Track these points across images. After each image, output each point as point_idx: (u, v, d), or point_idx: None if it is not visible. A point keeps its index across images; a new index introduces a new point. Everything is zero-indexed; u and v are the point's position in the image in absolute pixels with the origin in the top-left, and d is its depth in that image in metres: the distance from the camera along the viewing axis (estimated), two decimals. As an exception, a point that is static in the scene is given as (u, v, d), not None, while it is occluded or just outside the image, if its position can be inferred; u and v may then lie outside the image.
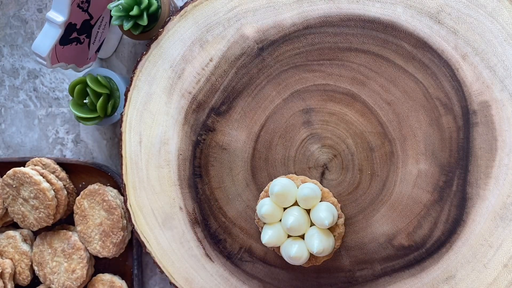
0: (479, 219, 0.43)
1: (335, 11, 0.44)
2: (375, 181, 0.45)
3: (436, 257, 0.44)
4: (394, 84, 0.44)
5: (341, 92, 0.45)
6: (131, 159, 0.50)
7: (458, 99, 0.43)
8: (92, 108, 0.53)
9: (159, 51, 0.48)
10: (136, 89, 0.49)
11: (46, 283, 0.58)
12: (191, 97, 0.48)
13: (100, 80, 0.53)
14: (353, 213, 0.46)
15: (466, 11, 0.42)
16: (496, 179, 0.42)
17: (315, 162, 0.47)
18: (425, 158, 0.44)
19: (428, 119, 0.44)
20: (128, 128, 0.50)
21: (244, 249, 0.49)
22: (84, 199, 0.56)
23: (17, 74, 0.62)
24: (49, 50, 0.46)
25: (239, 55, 0.47)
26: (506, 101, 0.42)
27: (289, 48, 0.45)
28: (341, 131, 0.46)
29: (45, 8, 0.61)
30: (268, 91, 0.46)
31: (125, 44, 0.58)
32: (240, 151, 0.48)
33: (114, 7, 0.47)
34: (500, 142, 0.42)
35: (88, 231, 0.56)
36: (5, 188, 0.57)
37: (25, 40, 0.62)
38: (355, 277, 0.46)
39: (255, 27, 0.46)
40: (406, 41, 0.43)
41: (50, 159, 0.58)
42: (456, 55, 0.42)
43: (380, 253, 0.46)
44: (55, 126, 0.61)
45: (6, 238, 0.60)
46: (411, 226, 0.45)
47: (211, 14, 0.47)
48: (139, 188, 0.50)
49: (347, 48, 0.44)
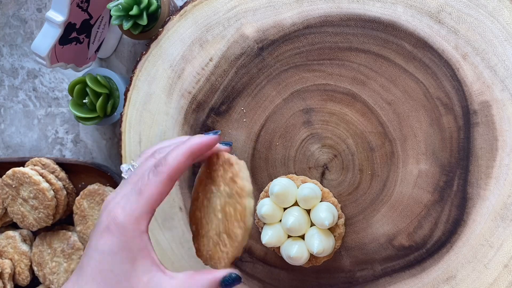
0: (480, 219, 0.43)
1: (335, 10, 0.44)
2: (376, 181, 0.45)
3: (436, 258, 0.44)
4: (394, 84, 0.44)
5: (341, 92, 0.45)
6: (131, 159, 0.50)
7: (459, 99, 0.43)
8: (91, 108, 0.53)
9: (159, 51, 0.48)
10: (135, 89, 0.49)
11: (46, 283, 0.58)
12: (191, 97, 0.48)
13: (99, 80, 0.53)
14: (353, 213, 0.46)
15: (466, 11, 0.42)
16: (497, 179, 0.42)
17: (315, 162, 0.46)
18: (426, 158, 0.44)
19: (428, 119, 0.43)
20: (128, 128, 0.50)
21: (244, 249, 0.49)
22: (83, 199, 0.56)
23: (17, 74, 0.62)
24: (49, 50, 0.46)
25: (239, 54, 0.47)
26: (507, 101, 0.42)
27: (289, 47, 0.45)
28: (341, 131, 0.45)
29: (45, 8, 0.61)
30: (268, 91, 0.46)
31: (124, 44, 0.58)
32: (240, 151, 0.48)
33: (113, 6, 0.47)
34: (500, 142, 0.42)
35: (87, 231, 0.55)
36: (4, 188, 0.57)
37: (24, 40, 0.62)
38: (356, 278, 0.46)
39: (255, 27, 0.46)
40: (406, 40, 0.43)
41: (49, 159, 0.57)
42: (457, 55, 0.42)
43: (381, 253, 0.46)
44: (55, 126, 0.61)
45: (5, 238, 0.59)
46: (412, 226, 0.45)
47: (211, 14, 0.47)
48: (138, 188, 0.50)
49: (347, 48, 0.44)
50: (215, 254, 0.36)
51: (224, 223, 0.35)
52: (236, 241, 0.34)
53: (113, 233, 0.32)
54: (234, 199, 0.34)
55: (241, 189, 0.34)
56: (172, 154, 0.33)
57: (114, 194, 0.34)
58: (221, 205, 0.35)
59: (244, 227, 0.34)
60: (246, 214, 0.33)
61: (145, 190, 0.32)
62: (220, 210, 0.35)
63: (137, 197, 0.32)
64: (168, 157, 0.33)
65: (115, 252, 0.32)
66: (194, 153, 0.33)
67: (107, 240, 0.32)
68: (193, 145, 0.33)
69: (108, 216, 0.32)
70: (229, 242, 0.34)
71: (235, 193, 0.34)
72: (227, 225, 0.34)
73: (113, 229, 0.32)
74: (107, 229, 0.32)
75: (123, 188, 0.34)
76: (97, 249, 0.32)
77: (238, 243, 0.34)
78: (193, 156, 0.34)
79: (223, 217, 0.35)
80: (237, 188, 0.34)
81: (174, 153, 0.33)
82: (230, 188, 0.34)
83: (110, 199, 0.34)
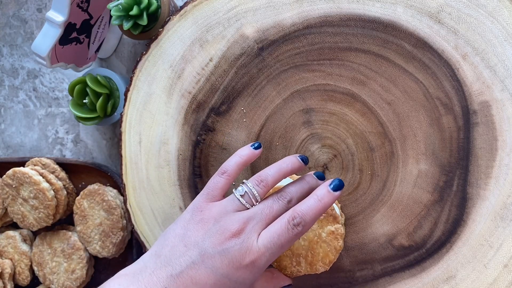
0: (480, 219, 0.43)
1: (335, 11, 0.44)
2: (375, 181, 0.45)
3: (436, 257, 0.44)
4: (394, 84, 0.44)
5: (341, 92, 0.45)
6: (131, 159, 0.50)
7: (459, 99, 0.43)
8: (91, 108, 0.53)
9: (159, 51, 0.48)
10: (135, 89, 0.49)
11: (46, 283, 0.58)
12: (191, 97, 0.48)
13: (99, 80, 0.53)
14: (353, 213, 0.46)
15: (466, 11, 0.42)
16: (497, 179, 0.42)
17: (315, 162, 0.46)
18: (426, 158, 0.44)
19: (428, 119, 0.43)
20: (128, 128, 0.50)
21: (244, 249, 0.49)
22: (83, 199, 0.56)
23: (17, 74, 0.62)
24: (49, 50, 0.46)
25: (239, 55, 0.47)
26: (507, 101, 0.42)
27: (289, 48, 0.45)
28: (341, 131, 0.45)
29: (45, 8, 0.61)
30: (268, 91, 0.46)
31: (124, 44, 0.58)
32: (240, 151, 0.48)
33: (113, 7, 0.47)
34: (500, 142, 0.42)
35: (87, 231, 0.55)
36: (4, 188, 0.57)
37: (24, 40, 0.62)
38: (355, 277, 0.46)
39: (255, 27, 0.46)
40: (406, 41, 0.43)
41: (49, 159, 0.57)
42: (456, 55, 0.42)
43: (380, 253, 0.46)
44: (55, 126, 0.61)
45: (5, 238, 0.59)
46: (411, 226, 0.45)
47: (211, 14, 0.47)
48: (139, 188, 0.50)
49: (347, 48, 0.44)
50: (283, 261, 0.42)
51: (308, 253, 0.41)
52: (313, 272, 0.42)
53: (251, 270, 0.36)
54: (326, 238, 0.41)
55: (337, 230, 0.41)
56: (310, 214, 0.36)
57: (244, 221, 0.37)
58: (308, 237, 0.41)
59: (327, 268, 0.41)
60: (334, 260, 0.41)
61: (286, 246, 0.36)
62: (306, 240, 0.41)
63: (279, 250, 0.36)
64: (307, 217, 0.36)
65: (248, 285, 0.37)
66: (325, 208, 0.38)
67: (243, 274, 0.36)
68: (326, 204, 0.37)
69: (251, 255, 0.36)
70: (306, 269, 0.41)
71: (329, 233, 0.41)
72: (311, 259, 0.41)
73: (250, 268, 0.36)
74: (245, 266, 0.36)
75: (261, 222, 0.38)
76: (231, 279, 0.36)
77: (313, 273, 0.42)
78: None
79: (309, 248, 0.41)
80: (334, 229, 0.41)
81: (312, 214, 0.37)
82: (321, 226, 0.41)
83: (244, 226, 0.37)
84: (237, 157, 0.40)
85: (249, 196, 0.38)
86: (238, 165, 0.40)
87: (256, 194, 0.38)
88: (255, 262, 0.35)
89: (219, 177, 0.39)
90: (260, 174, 0.39)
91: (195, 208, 0.39)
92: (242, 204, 0.38)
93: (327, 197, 0.37)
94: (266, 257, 0.36)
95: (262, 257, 0.36)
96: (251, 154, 0.41)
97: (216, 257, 0.35)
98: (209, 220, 0.37)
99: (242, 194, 0.38)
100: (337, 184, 0.38)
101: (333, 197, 0.37)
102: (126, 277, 0.36)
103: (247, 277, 0.36)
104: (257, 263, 0.35)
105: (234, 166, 0.40)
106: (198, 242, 0.36)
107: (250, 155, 0.41)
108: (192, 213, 0.38)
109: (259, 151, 0.41)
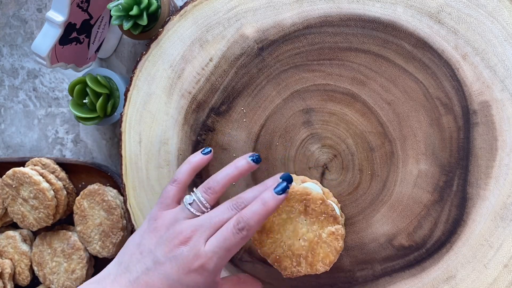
0: (480, 219, 0.43)
1: (335, 11, 0.44)
2: (375, 181, 0.45)
3: (436, 257, 0.44)
4: (394, 84, 0.44)
5: (341, 92, 0.45)
6: (131, 159, 0.50)
7: (459, 99, 0.43)
8: (91, 108, 0.53)
9: (159, 51, 0.48)
10: (135, 89, 0.49)
11: (46, 283, 0.58)
12: (191, 97, 0.48)
13: (99, 80, 0.53)
14: (353, 213, 0.46)
15: (466, 11, 0.42)
16: (497, 179, 0.42)
17: (315, 162, 0.46)
18: (426, 158, 0.44)
19: (428, 119, 0.43)
20: (128, 128, 0.50)
21: (244, 250, 0.49)
22: (83, 199, 0.56)
23: (17, 74, 0.62)
24: (49, 50, 0.46)
25: (239, 55, 0.47)
26: (507, 101, 0.42)
27: (289, 48, 0.45)
28: (341, 131, 0.45)
29: (45, 8, 0.61)
30: (268, 91, 0.46)
31: (124, 44, 0.58)
32: (240, 151, 0.48)
33: (113, 7, 0.47)
34: (500, 142, 0.42)
35: (87, 231, 0.55)
36: (4, 188, 0.57)
37: (24, 40, 0.62)
38: (355, 277, 0.46)
39: (255, 27, 0.46)
40: (406, 41, 0.43)
41: (49, 159, 0.57)
42: (456, 55, 0.42)
43: (380, 253, 0.46)
44: (55, 126, 0.61)
45: (5, 238, 0.59)
46: (411, 226, 0.45)
47: (211, 14, 0.47)
48: (139, 188, 0.50)
49: (347, 48, 0.44)
50: (284, 262, 0.42)
51: (308, 253, 0.41)
52: (313, 273, 0.42)
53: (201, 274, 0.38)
54: (327, 239, 0.41)
55: (337, 231, 0.41)
56: (254, 219, 0.37)
57: (193, 228, 0.38)
58: (308, 238, 0.41)
59: (327, 269, 0.42)
60: (334, 260, 0.41)
61: (233, 250, 0.38)
62: (306, 240, 0.41)
63: (227, 254, 0.38)
64: (251, 222, 0.37)
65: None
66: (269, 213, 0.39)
67: (194, 278, 0.37)
68: (270, 208, 0.38)
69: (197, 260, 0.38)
70: (306, 269, 0.42)
71: (330, 234, 0.41)
72: (312, 259, 0.41)
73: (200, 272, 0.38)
74: (194, 271, 0.37)
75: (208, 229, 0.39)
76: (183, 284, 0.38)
77: (313, 273, 0.42)
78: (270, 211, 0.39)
79: (309, 248, 0.41)
80: (334, 230, 0.41)
81: (256, 218, 0.37)
82: (321, 227, 0.41)
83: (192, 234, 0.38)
84: (187, 164, 0.42)
85: (197, 204, 0.40)
86: (188, 172, 0.42)
87: (204, 201, 0.40)
88: (204, 266, 0.37)
89: (170, 186, 0.41)
90: (208, 181, 0.41)
91: (151, 217, 0.41)
92: (191, 212, 0.39)
93: (272, 201, 0.38)
94: (213, 261, 0.37)
95: (210, 261, 0.37)
96: (200, 160, 0.43)
97: (167, 264, 0.37)
98: (161, 228, 0.39)
99: (190, 203, 0.40)
100: (283, 187, 0.39)
101: (278, 200, 0.38)
102: (91, 285, 0.38)
103: (198, 281, 0.37)
104: (206, 267, 0.37)
105: (185, 174, 0.42)
106: (152, 249, 0.38)
107: (199, 161, 0.43)
108: (148, 222, 0.40)
109: (210, 155, 0.43)
